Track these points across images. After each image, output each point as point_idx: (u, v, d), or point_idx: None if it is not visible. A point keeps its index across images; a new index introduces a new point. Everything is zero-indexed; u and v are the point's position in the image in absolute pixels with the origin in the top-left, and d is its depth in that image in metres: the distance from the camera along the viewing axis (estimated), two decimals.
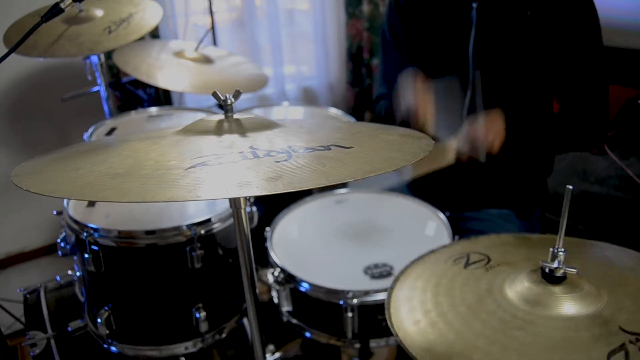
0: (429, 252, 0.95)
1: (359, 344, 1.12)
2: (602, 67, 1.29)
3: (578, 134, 1.33)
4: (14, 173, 0.66)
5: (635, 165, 1.83)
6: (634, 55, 1.89)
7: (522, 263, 0.84)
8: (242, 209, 0.79)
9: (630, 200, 1.88)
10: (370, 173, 0.60)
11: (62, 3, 1.13)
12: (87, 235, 1.15)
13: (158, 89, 2.10)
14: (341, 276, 1.12)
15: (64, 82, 1.97)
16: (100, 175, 0.60)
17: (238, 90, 0.77)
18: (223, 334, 1.30)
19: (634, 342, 0.64)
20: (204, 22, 2.24)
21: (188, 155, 0.64)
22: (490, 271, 0.83)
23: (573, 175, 2.04)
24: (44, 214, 2.06)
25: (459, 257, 0.89)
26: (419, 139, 0.77)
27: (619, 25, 1.88)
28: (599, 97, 1.31)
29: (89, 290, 1.29)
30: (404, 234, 1.27)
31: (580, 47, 1.26)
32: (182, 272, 1.19)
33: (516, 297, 0.75)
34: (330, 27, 2.58)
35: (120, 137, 0.82)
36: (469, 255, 0.89)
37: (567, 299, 0.72)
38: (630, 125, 1.84)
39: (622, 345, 0.64)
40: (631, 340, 0.64)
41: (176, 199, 0.54)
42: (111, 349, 1.26)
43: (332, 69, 2.68)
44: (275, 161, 0.61)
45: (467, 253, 0.90)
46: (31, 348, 1.33)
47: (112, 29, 1.53)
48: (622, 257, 0.88)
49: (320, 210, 1.39)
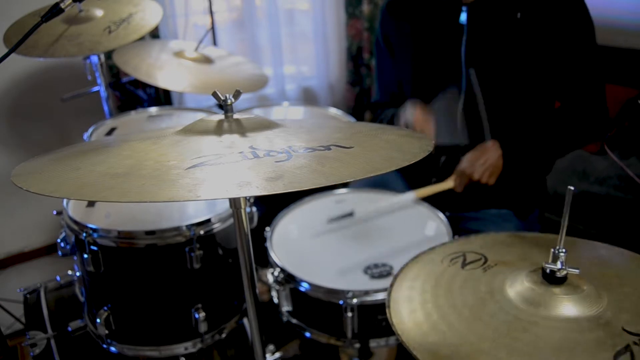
0: (429, 250, 0.95)
1: (358, 344, 1.12)
2: (596, 64, 1.29)
3: (577, 130, 1.34)
4: (14, 173, 0.66)
5: (635, 165, 1.83)
6: (634, 55, 1.89)
7: (518, 262, 0.84)
8: (242, 209, 0.79)
9: (630, 200, 1.88)
10: (370, 173, 0.60)
11: (62, 3, 1.13)
12: (86, 235, 1.15)
13: (158, 89, 2.10)
14: (341, 276, 1.12)
15: (64, 82, 1.97)
16: (100, 175, 0.60)
17: (238, 90, 0.77)
18: (223, 334, 1.30)
19: (638, 343, 0.64)
20: (204, 22, 2.24)
21: (188, 155, 0.64)
22: (488, 271, 0.83)
23: (573, 175, 2.04)
24: (44, 214, 2.06)
25: (455, 256, 0.89)
26: (419, 139, 0.77)
27: (619, 25, 1.87)
28: (595, 93, 1.32)
29: (88, 290, 1.29)
30: (404, 234, 1.27)
31: (574, 46, 1.26)
32: (181, 273, 1.19)
33: (517, 299, 0.74)
34: (330, 27, 2.58)
35: (120, 137, 0.82)
36: (465, 255, 0.89)
37: (569, 300, 0.72)
38: (630, 125, 1.84)
39: (627, 346, 0.64)
40: (635, 342, 0.64)
41: (176, 199, 0.54)
42: (111, 349, 1.26)
43: (332, 69, 2.68)
44: (275, 161, 0.61)
45: (462, 252, 0.90)
46: (31, 348, 1.33)
47: (112, 29, 1.53)
48: (618, 257, 0.88)
49: (320, 210, 1.39)
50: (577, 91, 1.32)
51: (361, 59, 2.66)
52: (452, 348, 0.68)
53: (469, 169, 1.28)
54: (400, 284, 0.85)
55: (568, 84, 1.31)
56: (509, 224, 1.39)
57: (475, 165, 1.27)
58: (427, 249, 0.95)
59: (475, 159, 1.29)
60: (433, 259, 0.91)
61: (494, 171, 1.29)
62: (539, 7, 1.25)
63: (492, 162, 1.28)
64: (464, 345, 0.68)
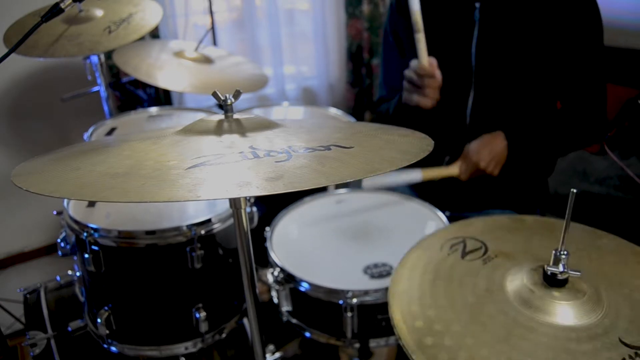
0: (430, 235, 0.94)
1: (358, 344, 1.12)
2: (602, 65, 1.29)
3: (579, 130, 1.34)
4: (14, 173, 0.66)
5: (635, 165, 1.83)
6: (634, 55, 1.89)
7: (519, 255, 0.84)
8: (242, 209, 0.79)
9: (630, 200, 1.88)
10: (370, 173, 0.60)
11: (62, 3, 1.13)
12: (87, 235, 1.15)
13: (158, 89, 2.11)
14: (341, 276, 1.12)
15: (64, 82, 1.97)
16: (100, 175, 0.60)
17: (238, 90, 0.77)
18: (223, 334, 1.30)
19: (633, 356, 0.64)
20: (204, 22, 2.25)
21: (188, 155, 0.64)
22: (488, 264, 0.83)
23: (573, 175, 2.04)
24: (44, 214, 2.07)
25: (455, 242, 0.89)
26: (419, 139, 0.77)
27: (619, 25, 1.88)
28: (598, 95, 1.32)
29: (89, 290, 1.29)
30: (404, 234, 1.27)
31: (584, 46, 1.26)
32: (182, 272, 1.19)
33: (517, 300, 0.74)
34: (330, 27, 2.58)
35: (120, 137, 0.82)
36: (465, 242, 0.88)
37: (568, 306, 0.71)
38: (630, 125, 1.85)
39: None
40: (630, 355, 0.64)
41: (176, 199, 0.54)
42: (111, 349, 1.26)
43: (332, 69, 2.68)
44: (275, 161, 0.61)
45: (462, 238, 0.90)
46: (31, 348, 1.33)
47: (112, 29, 1.53)
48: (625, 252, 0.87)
49: (320, 210, 1.39)
50: (581, 92, 1.32)
51: (361, 59, 2.66)
52: (450, 353, 0.67)
53: (475, 156, 1.28)
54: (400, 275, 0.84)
55: (573, 84, 1.31)
56: None
57: (482, 154, 1.27)
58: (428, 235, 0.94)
59: (481, 147, 1.29)
60: (432, 245, 0.90)
61: (499, 161, 1.29)
62: (553, 5, 1.25)
63: (497, 151, 1.28)
64: (462, 349, 0.68)
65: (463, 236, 0.90)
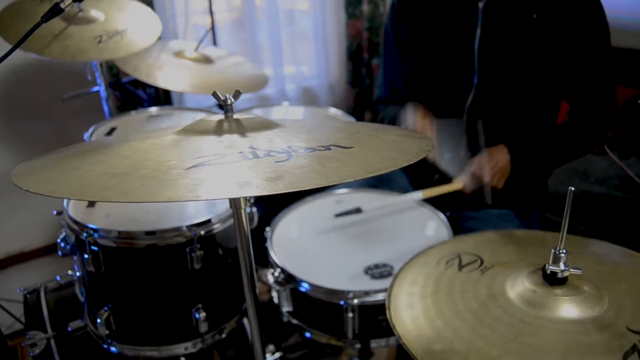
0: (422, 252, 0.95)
1: (359, 344, 1.12)
2: (610, 67, 1.29)
3: (587, 134, 1.34)
4: (14, 173, 0.66)
5: (635, 165, 1.83)
6: (634, 56, 1.89)
7: (515, 263, 0.84)
8: (242, 210, 0.79)
9: (630, 200, 1.88)
10: (370, 173, 0.60)
11: (62, 3, 1.13)
12: (87, 235, 1.15)
13: (158, 89, 2.10)
14: (341, 276, 1.12)
15: (64, 82, 1.97)
16: (100, 175, 0.60)
17: (238, 90, 0.77)
18: (223, 334, 1.30)
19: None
20: (204, 22, 2.24)
21: (188, 156, 0.64)
22: (486, 273, 0.83)
23: (573, 175, 2.03)
24: (44, 214, 2.06)
25: (450, 258, 0.89)
26: (419, 139, 0.77)
27: (619, 25, 1.87)
28: (607, 96, 1.31)
29: (88, 290, 1.29)
30: (405, 234, 1.27)
31: (589, 47, 1.26)
32: (182, 273, 1.19)
33: (520, 301, 0.74)
34: (330, 27, 2.58)
35: (120, 137, 0.82)
36: (460, 257, 0.89)
37: (571, 302, 0.72)
38: (630, 125, 1.84)
39: (633, 346, 0.64)
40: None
41: (176, 199, 0.54)
42: (111, 349, 1.26)
43: (332, 69, 2.68)
44: (275, 161, 0.61)
45: (457, 254, 0.90)
46: (31, 348, 1.33)
47: (104, 39, 1.49)
48: (615, 255, 0.88)
49: (320, 210, 1.39)
50: (589, 93, 1.32)
51: (361, 59, 2.65)
52: (461, 355, 0.67)
53: (480, 171, 1.28)
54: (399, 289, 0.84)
55: (581, 86, 1.31)
56: (509, 224, 1.39)
57: (486, 169, 1.28)
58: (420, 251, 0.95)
59: (485, 162, 1.29)
60: (428, 262, 0.90)
61: (503, 174, 1.30)
62: (557, 6, 1.24)
63: (501, 166, 1.29)
64: (472, 352, 0.67)
65: (457, 252, 0.91)
